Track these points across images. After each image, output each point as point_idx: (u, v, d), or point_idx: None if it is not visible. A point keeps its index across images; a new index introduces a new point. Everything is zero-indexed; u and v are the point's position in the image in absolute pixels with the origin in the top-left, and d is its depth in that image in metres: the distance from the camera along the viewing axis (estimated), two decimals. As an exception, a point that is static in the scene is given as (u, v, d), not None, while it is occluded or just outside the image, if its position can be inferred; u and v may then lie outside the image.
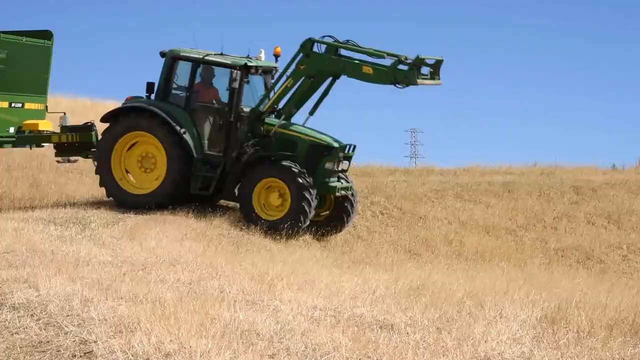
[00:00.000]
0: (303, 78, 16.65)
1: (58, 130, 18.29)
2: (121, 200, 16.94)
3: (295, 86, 16.73)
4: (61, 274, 9.75)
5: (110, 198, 17.37)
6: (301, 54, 16.53)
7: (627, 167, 28.20)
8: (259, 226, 16.11)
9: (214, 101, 17.15)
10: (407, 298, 10.09)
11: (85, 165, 23.51)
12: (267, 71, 17.45)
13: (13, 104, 18.04)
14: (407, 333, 8.37)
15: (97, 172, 17.31)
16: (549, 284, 13.64)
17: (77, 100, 36.13)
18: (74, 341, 7.42)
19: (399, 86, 16.05)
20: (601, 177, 24.77)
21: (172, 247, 13.00)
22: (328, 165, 16.54)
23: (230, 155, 16.68)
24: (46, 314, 8.15)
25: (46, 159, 23.71)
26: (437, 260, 18.25)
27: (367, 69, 16.17)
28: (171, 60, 16.94)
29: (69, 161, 18.63)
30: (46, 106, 18.87)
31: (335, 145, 16.66)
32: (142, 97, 17.13)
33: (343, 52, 16.58)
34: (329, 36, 16.60)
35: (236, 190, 16.67)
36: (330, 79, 16.84)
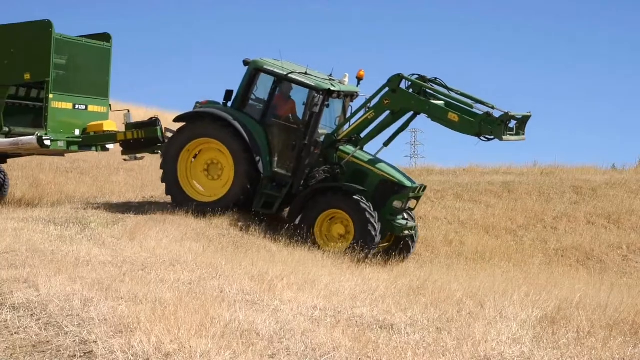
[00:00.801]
0: (386, 113, 16.29)
1: (122, 128, 18.26)
2: (180, 202, 16.67)
3: (377, 119, 16.38)
4: (61, 274, 9.75)
5: (168, 196, 17.25)
6: (387, 89, 16.13)
7: (627, 167, 28.18)
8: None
9: (290, 117, 16.77)
10: (407, 298, 10.10)
11: (85, 165, 23.55)
12: (348, 95, 17.07)
13: (77, 106, 17.81)
14: (407, 333, 8.37)
15: (161, 167, 17.00)
16: (549, 284, 13.64)
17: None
18: (74, 341, 7.42)
19: (483, 139, 15.71)
20: (601, 177, 24.77)
21: (172, 247, 13.00)
22: (397, 203, 16.11)
23: (299, 178, 16.32)
24: (46, 314, 8.15)
25: (46, 159, 23.74)
26: (437, 260, 18.27)
27: (453, 117, 15.72)
28: (254, 71, 16.56)
29: (135, 158, 18.46)
30: (110, 104, 18.70)
31: (408, 184, 16.25)
32: (218, 103, 16.86)
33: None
34: (418, 75, 16.16)
35: (298, 219, 16.17)
36: (411, 113, 16.42)
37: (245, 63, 16.63)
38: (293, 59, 16.89)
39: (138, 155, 18.31)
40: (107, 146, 18.30)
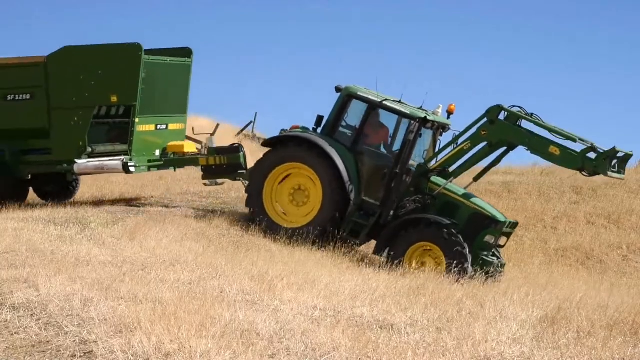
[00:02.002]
0: (482, 144, 15.84)
1: (197, 149, 18.04)
2: (266, 226, 16.19)
3: (472, 150, 15.91)
4: (61, 274, 9.75)
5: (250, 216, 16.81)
6: (485, 119, 15.69)
7: (627, 167, 28.13)
8: None
9: (381, 145, 16.44)
10: (407, 298, 10.10)
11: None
12: (440, 127, 16.60)
13: (159, 126, 17.60)
14: (407, 333, 8.38)
15: (247, 191, 16.52)
16: (549, 284, 13.65)
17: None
18: (74, 341, 7.42)
19: (584, 173, 15.47)
20: (601, 177, 24.69)
21: (172, 247, 13.00)
22: (488, 238, 15.61)
23: (389, 207, 15.79)
24: (46, 314, 8.15)
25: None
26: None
27: (554, 149, 15.30)
28: (346, 97, 16.20)
29: (216, 184, 18.14)
30: (193, 127, 18.58)
31: (502, 219, 15.80)
32: (308, 128, 16.46)
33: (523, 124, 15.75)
34: (518, 107, 15.74)
35: (386, 251, 15.63)
36: (504, 148, 15.98)
37: (338, 89, 16.30)
38: (293, 58, 16.78)
39: (219, 181, 18.00)
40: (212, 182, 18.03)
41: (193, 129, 18.84)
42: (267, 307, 8.98)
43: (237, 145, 17.74)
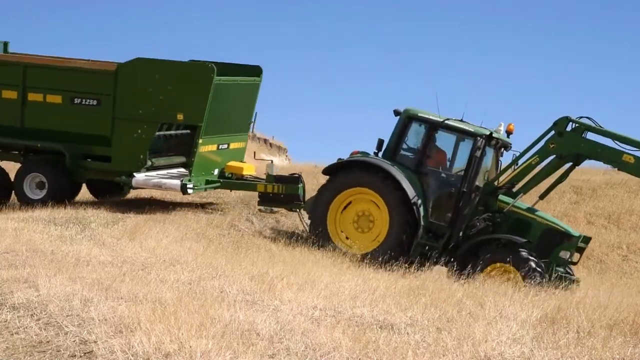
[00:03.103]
0: (551, 157, 15.55)
1: (255, 171, 17.90)
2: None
3: (540, 164, 15.71)
4: (61, 274, 9.75)
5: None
6: (553, 132, 15.42)
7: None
8: None
9: (446, 165, 16.18)
10: (407, 298, 10.10)
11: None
12: (502, 146, 16.31)
13: (220, 146, 17.47)
14: (407, 333, 8.38)
15: (310, 217, 16.26)
16: (549, 283, 13.63)
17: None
18: (74, 341, 7.42)
19: None
20: (601, 177, 24.75)
21: (172, 247, 13.00)
22: (563, 254, 15.30)
23: (458, 227, 15.48)
24: (46, 314, 8.15)
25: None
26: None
27: (628, 158, 15.08)
28: (406, 119, 15.99)
29: (271, 211, 17.75)
30: (254, 152, 18.51)
31: (576, 234, 15.53)
32: (368, 153, 16.26)
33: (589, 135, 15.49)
34: (586, 117, 15.49)
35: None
36: (570, 164, 15.75)
37: (396, 113, 16.10)
38: (293, 58, 16.75)
39: (274, 209, 17.75)
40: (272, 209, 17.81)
41: (255, 153, 18.62)
42: (267, 307, 8.98)
43: (297, 175, 17.44)
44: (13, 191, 17.41)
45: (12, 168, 18.11)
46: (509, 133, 16.35)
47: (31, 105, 17.03)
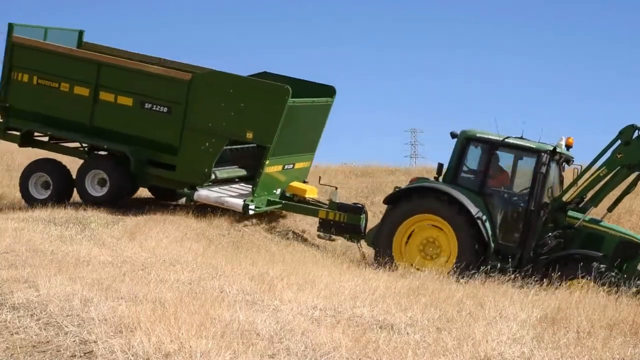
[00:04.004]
0: (618, 167, 15.18)
1: (317, 194, 17.67)
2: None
3: (608, 176, 15.29)
4: (61, 274, 9.75)
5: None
6: (619, 141, 15.11)
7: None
8: None
9: (509, 184, 15.88)
10: (407, 298, 10.10)
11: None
12: (565, 160, 16.01)
13: (286, 166, 17.28)
14: (407, 333, 8.38)
15: (375, 247, 15.71)
16: (549, 283, 13.63)
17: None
18: (74, 341, 7.43)
19: None
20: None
21: (172, 247, 13.01)
22: None
23: (529, 247, 15.14)
24: (46, 314, 8.15)
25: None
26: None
27: None
28: (465, 141, 15.67)
29: (330, 238, 17.16)
30: (320, 176, 18.21)
31: None
32: (427, 178, 16.10)
33: None
34: None
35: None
36: (637, 173, 15.35)
37: (453, 135, 15.82)
38: (293, 59, 16.69)
39: (333, 237, 17.26)
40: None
41: (320, 177, 18.40)
42: (267, 307, 8.98)
43: (360, 205, 17.14)
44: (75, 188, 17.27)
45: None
46: (568, 147, 16.01)
47: (102, 105, 16.89)
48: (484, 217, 15.15)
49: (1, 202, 18.79)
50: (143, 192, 20.31)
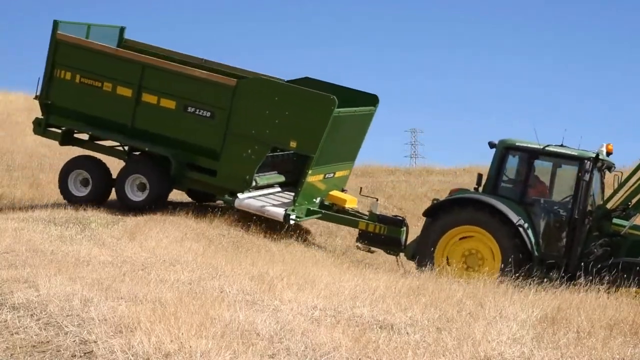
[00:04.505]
0: None
1: (356, 204, 17.46)
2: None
3: None
4: (61, 274, 9.75)
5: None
6: None
7: (627, 167, 28.13)
8: None
9: (551, 192, 15.60)
10: (407, 298, 10.09)
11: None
12: (607, 167, 15.71)
13: (327, 175, 17.04)
14: (407, 333, 8.38)
15: (418, 263, 15.20)
16: (549, 283, 13.63)
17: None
18: (74, 341, 7.43)
19: None
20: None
21: (172, 247, 13.00)
22: None
23: (574, 256, 14.78)
24: (46, 314, 8.15)
25: (46, 159, 23.75)
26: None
27: None
28: (504, 150, 15.33)
29: (369, 250, 16.79)
30: (360, 187, 17.99)
31: None
32: (467, 190, 15.86)
33: None
34: None
35: None
36: None
37: (492, 145, 15.56)
38: (293, 59, 16.59)
39: (372, 249, 16.94)
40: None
41: (361, 189, 18.27)
42: (267, 307, 8.98)
43: (401, 218, 16.85)
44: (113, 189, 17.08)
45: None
46: (608, 153, 15.71)
47: (144, 106, 16.73)
48: (526, 226, 14.84)
49: (1, 202, 18.78)
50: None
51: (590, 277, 13.71)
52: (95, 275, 9.94)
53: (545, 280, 13.69)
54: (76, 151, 18.73)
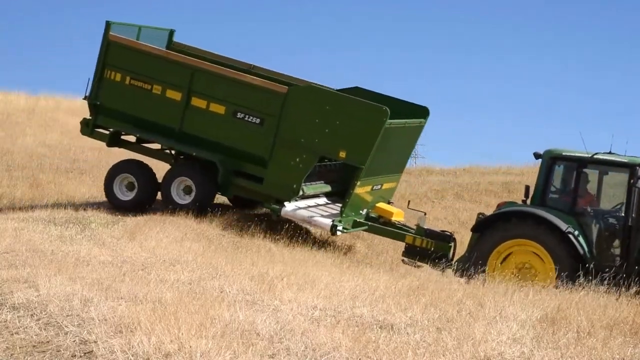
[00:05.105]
0: None
1: (403, 217, 17.13)
2: None
3: None
4: (61, 274, 9.75)
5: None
6: None
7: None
8: None
9: (602, 201, 15.37)
10: (407, 298, 10.10)
11: (85, 165, 23.55)
12: None
13: (374, 187, 16.80)
14: (407, 333, 8.38)
15: (467, 276, 14.73)
16: (549, 283, 13.64)
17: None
18: (74, 341, 7.43)
19: None
20: (601, 177, 24.69)
21: (172, 247, 13.00)
22: None
23: (631, 265, 14.45)
24: (46, 314, 8.15)
25: (46, 159, 23.75)
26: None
27: None
28: (550, 161, 15.07)
29: (415, 265, 16.38)
30: (409, 201, 17.84)
31: None
32: (515, 203, 15.52)
33: None
34: None
35: None
36: None
37: (537, 156, 15.29)
38: (293, 60, 16.48)
39: (418, 263, 16.57)
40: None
41: (409, 202, 18.13)
42: (267, 307, 8.98)
43: (449, 233, 16.59)
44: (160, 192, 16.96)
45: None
46: None
47: (193, 111, 16.59)
48: (577, 234, 14.58)
49: (1, 202, 18.78)
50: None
51: None
52: (95, 275, 9.94)
53: (603, 287, 13.20)
54: (81, 155, 18.67)
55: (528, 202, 15.18)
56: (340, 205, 16.45)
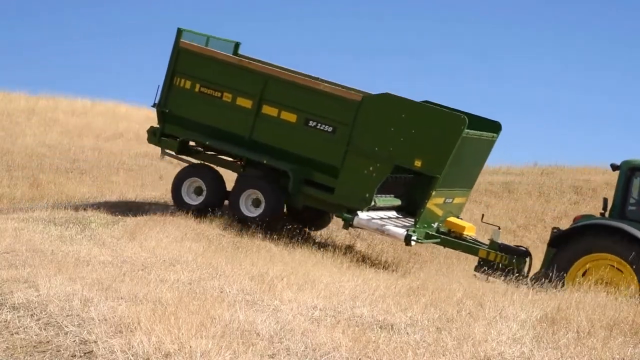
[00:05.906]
0: None
1: (475, 232, 16.80)
2: None
3: None
4: (61, 274, 9.75)
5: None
6: None
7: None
8: None
9: None
10: (407, 298, 10.10)
11: (85, 165, 23.56)
12: None
13: (447, 200, 16.43)
14: (407, 333, 8.38)
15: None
16: (549, 283, 13.65)
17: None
18: (74, 341, 7.43)
19: None
20: (601, 177, 24.77)
21: (172, 247, 13.00)
22: None
23: None
24: (46, 314, 8.15)
25: (46, 159, 23.75)
26: (437, 260, 18.27)
27: None
28: (629, 172, 14.72)
29: (487, 279, 15.61)
30: (482, 214, 17.68)
31: None
32: (592, 216, 15.23)
33: None
34: None
35: None
36: None
37: (614, 167, 14.97)
38: (294, 60, 16.29)
39: (491, 278, 15.91)
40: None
41: (483, 216, 17.97)
42: (267, 307, 8.99)
43: (524, 249, 16.18)
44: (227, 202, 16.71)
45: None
46: None
47: (264, 118, 16.36)
48: None
49: (1, 202, 18.79)
50: (143, 193, 20.32)
51: None
52: (95, 275, 9.94)
53: None
54: (81, 155, 18.66)
55: (606, 214, 14.85)
56: (411, 219, 16.22)
